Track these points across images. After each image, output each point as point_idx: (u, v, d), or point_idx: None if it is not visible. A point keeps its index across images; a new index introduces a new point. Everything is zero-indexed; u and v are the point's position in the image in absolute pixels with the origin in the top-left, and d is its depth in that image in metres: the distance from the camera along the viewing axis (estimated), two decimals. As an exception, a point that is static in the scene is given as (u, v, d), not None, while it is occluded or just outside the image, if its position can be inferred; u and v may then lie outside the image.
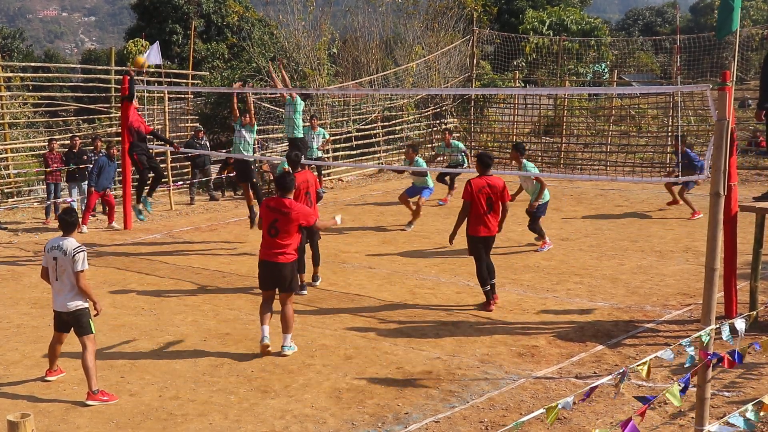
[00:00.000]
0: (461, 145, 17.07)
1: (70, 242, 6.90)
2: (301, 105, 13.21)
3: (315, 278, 10.34)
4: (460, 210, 9.09)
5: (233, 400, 6.71)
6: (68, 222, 6.98)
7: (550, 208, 15.40)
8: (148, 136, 13.13)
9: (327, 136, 18.56)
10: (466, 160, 16.74)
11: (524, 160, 11.75)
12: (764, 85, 8.91)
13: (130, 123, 12.92)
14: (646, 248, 11.91)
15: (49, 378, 7.27)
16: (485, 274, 9.09)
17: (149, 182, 12.85)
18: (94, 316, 7.04)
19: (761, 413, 4.31)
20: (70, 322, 6.98)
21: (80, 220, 12.88)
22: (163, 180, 13.92)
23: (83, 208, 15.89)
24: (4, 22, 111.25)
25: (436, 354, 7.69)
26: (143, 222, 13.94)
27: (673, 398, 4.22)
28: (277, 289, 7.91)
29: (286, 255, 7.77)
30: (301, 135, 13.22)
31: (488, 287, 9.11)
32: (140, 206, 12.89)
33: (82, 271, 6.84)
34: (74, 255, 6.81)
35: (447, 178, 16.87)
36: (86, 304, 6.97)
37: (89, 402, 6.68)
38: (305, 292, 9.93)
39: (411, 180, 14.61)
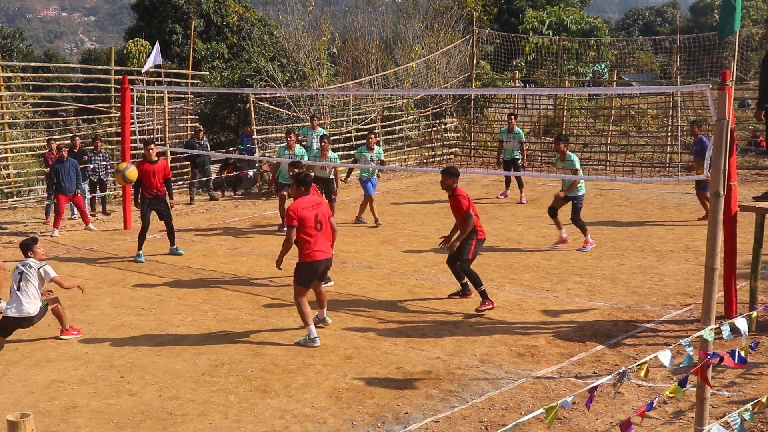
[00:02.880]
0: (522, 134, 16.25)
1: (34, 261, 8.25)
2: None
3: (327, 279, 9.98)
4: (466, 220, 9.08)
5: (233, 400, 6.72)
6: (22, 245, 8.48)
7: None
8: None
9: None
10: (521, 156, 16.24)
11: (568, 152, 12.29)
12: (763, 86, 8.91)
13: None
14: (645, 248, 11.91)
15: None
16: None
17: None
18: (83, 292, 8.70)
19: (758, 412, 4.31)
20: (25, 325, 8.11)
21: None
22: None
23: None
24: (4, 22, 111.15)
25: (436, 354, 7.69)
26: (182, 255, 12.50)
27: (676, 393, 4.21)
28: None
29: (331, 248, 8.46)
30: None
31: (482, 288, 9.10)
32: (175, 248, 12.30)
33: (56, 276, 8.26)
34: (40, 268, 8.15)
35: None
36: (41, 305, 8.16)
37: (62, 336, 8.34)
38: (332, 283, 10.25)
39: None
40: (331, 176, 13.92)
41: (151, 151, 11.90)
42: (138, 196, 12.09)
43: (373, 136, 14.92)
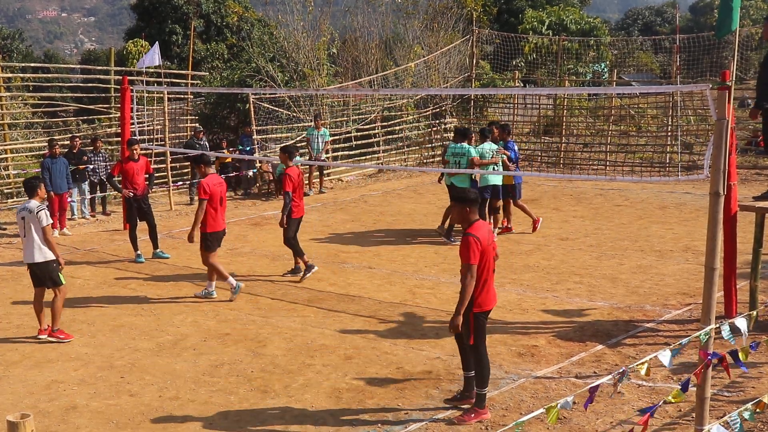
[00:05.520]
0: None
1: (34, 203, 8.17)
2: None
3: (297, 270, 10.83)
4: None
5: (233, 400, 6.71)
6: (28, 186, 8.37)
7: (549, 207, 15.44)
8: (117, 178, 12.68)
9: (328, 138, 18.57)
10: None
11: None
12: (761, 86, 8.90)
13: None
14: (645, 248, 11.91)
15: (41, 336, 8.30)
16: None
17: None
18: (60, 269, 8.28)
19: (759, 412, 4.31)
20: (40, 275, 8.23)
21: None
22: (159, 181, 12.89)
23: (83, 207, 15.90)
24: (3, 23, 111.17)
25: (436, 354, 7.69)
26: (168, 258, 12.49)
27: (677, 400, 4.21)
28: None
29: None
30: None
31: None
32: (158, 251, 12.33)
33: (46, 226, 8.11)
34: (38, 212, 8.09)
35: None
36: (52, 257, 8.19)
37: (49, 338, 8.23)
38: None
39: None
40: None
41: (135, 150, 12.24)
42: (121, 187, 12.33)
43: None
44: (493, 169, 12.49)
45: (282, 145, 11.46)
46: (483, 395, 6.22)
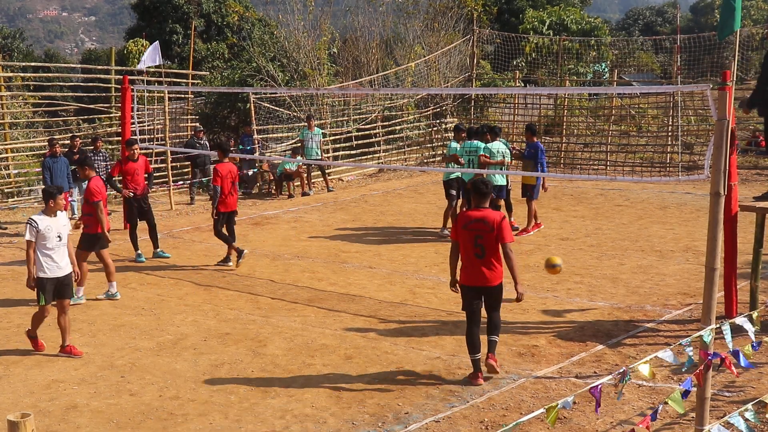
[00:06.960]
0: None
1: (34, 216, 7.74)
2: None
3: (228, 259, 11.52)
4: None
5: (233, 400, 6.71)
6: (44, 192, 7.99)
7: (550, 207, 15.44)
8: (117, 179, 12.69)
9: (321, 136, 18.54)
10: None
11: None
12: (761, 85, 8.89)
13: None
14: (646, 248, 11.90)
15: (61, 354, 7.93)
16: None
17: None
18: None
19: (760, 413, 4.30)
20: None
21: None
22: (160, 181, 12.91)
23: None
24: (4, 22, 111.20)
25: (437, 354, 7.69)
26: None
27: (676, 405, 4.20)
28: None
29: None
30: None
31: None
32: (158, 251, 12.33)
33: (26, 240, 7.70)
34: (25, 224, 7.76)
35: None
36: (40, 275, 7.72)
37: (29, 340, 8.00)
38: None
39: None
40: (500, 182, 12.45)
41: (134, 151, 12.25)
42: (121, 187, 12.39)
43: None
44: (501, 169, 12.46)
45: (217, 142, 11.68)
46: (473, 361, 6.95)
